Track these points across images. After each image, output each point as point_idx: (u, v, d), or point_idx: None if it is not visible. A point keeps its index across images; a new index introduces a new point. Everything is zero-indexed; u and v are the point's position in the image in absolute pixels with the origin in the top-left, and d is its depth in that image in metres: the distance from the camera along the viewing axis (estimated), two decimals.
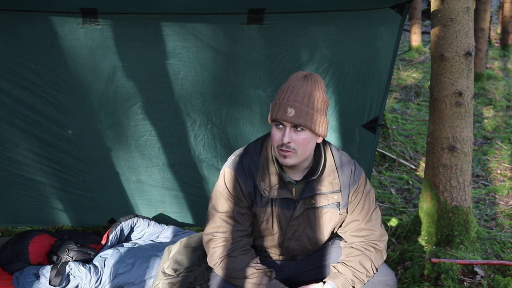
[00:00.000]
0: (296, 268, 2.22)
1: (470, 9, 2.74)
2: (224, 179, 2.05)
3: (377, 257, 2.09)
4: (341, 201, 2.07)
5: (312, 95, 1.90)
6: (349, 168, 2.10)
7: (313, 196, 2.04)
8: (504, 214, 3.88)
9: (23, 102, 2.76)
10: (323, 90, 1.95)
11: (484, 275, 2.79)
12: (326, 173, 2.05)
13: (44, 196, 3.16)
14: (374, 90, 3.05)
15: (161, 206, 3.32)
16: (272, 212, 2.06)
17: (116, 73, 2.73)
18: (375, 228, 2.10)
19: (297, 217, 2.06)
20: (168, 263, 2.47)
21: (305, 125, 1.88)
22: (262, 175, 2.02)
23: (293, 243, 2.13)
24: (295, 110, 1.87)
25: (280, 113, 1.89)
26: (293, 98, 1.88)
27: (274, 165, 2.02)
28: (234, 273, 2.00)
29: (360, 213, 2.09)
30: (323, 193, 2.04)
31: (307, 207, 2.06)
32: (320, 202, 2.05)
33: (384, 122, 5.39)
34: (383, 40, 2.89)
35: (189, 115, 2.95)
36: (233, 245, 2.03)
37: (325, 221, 2.10)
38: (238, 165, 2.04)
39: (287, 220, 2.07)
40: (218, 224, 2.04)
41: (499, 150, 5.35)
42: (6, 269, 2.81)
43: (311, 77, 1.93)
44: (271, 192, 2.01)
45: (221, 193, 2.05)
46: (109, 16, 2.54)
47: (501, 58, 9.31)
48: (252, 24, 2.67)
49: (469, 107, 2.87)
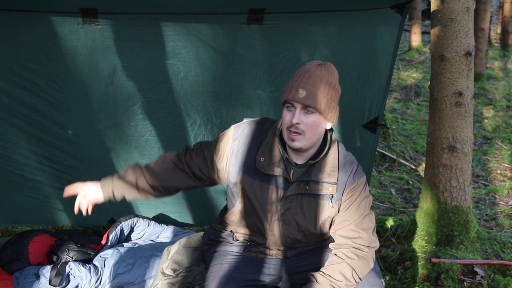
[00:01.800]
0: (287, 267, 2.18)
1: (470, 9, 2.74)
2: (225, 131, 2.17)
3: (361, 265, 2.01)
4: (335, 194, 2.05)
5: (324, 80, 1.93)
6: (351, 167, 2.09)
7: (308, 182, 2.03)
8: (504, 214, 3.88)
9: (23, 102, 2.76)
10: (336, 79, 1.98)
11: (484, 275, 2.79)
12: (327, 164, 2.05)
13: (44, 196, 3.16)
14: (374, 90, 3.05)
15: (161, 206, 3.32)
16: (261, 187, 2.05)
17: (116, 73, 2.73)
18: (365, 232, 2.05)
19: (288, 198, 2.05)
20: (167, 264, 2.47)
21: (314, 107, 1.90)
22: (264, 150, 2.05)
23: (281, 226, 2.09)
24: (306, 91, 1.90)
25: (291, 94, 1.92)
26: (305, 80, 1.92)
27: (278, 145, 2.04)
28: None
29: (353, 214, 2.06)
30: (319, 181, 2.04)
31: (301, 192, 2.04)
32: (315, 190, 2.04)
33: (384, 122, 5.39)
34: (383, 40, 2.89)
35: (189, 115, 2.95)
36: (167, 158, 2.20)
37: (317, 211, 2.07)
38: (243, 127, 2.13)
39: (278, 199, 2.06)
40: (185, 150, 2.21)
41: (499, 150, 5.35)
42: (6, 269, 2.81)
43: (326, 65, 1.98)
44: (267, 168, 2.03)
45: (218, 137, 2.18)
46: (109, 16, 2.53)
47: (501, 58, 9.31)
48: (252, 24, 2.67)
49: (469, 107, 2.87)
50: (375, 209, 3.96)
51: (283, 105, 1.98)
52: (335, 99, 1.97)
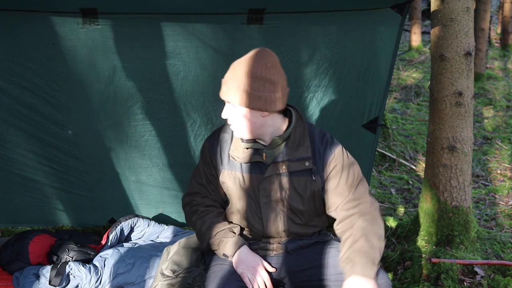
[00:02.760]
0: (289, 265, 2.17)
1: (470, 9, 2.74)
2: (201, 149, 2.25)
3: (376, 227, 2.02)
4: (314, 168, 2.08)
5: (247, 72, 1.92)
6: (323, 139, 2.12)
7: (284, 162, 2.07)
8: (504, 214, 3.88)
9: (23, 102, 2.76)
10: (265, 69, 1.94)
11: (484, 275, 2.79)
12: (297, 140, 2.08)
13: (44, 196, 3.16)
14: (374, 90, 3.05)
15: (161, 206, 3.32)
16: (242, 177, 2.11)
17: (116, 73, 2.73)
18: (363, 197, 2.07)
19: (268, 180, 2.08)
20: (167, 264, 2.47)
21: (233, 101, 1.96)
22: (235, 144, 2.12)
23: (271, 209, 2.11)
24: (226, 87, 1.97)
25: (220, 90, 2.01)
26: (229, 76, 1.98)
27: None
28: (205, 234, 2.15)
29: (344, 185, 2.07)
30: (293, 159, 2.06)
31: (279, 173, 2.08)
32: (292, 168, 2.07)
33: (384, 122, 5.39)
34: (383, 40, 2.89)
35: (189, 115, 2.95)
36: (201, 208, 2.20)
37: (300, 187, 2.10)
38: (212, 136, 2.22)
39: (259, 183, 2.10)
40: (192, 190, 2.25)
41: (499, 150, 5.35)
42: (6, 269, 2.81)
43: (258, 54, 1.96)
44: (242, 158, 2.10)
45: (199, 162, 2.26)
46: (109, 16, 2.53)
47: (501, 58, 9.31)
48: (252, 24, 2.67)
49: (469, 107, 2.87)
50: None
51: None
52: (258, 88, 1.93)
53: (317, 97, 3.01)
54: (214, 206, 2.23)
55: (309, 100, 3.01)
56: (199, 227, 2.19)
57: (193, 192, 2.25)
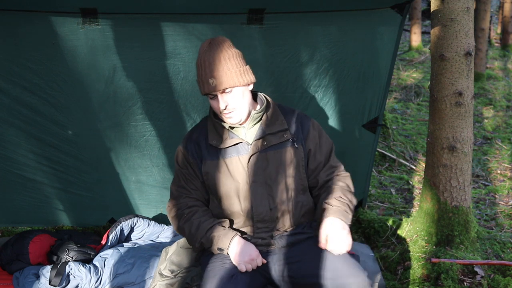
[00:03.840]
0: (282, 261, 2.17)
1: (470, 9, 2.74)
2: (176, 154, 2.29)
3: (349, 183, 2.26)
4: (294, 137, 2.20)
5: (221, 59, 2.04)
6: (294, 113, 2.27)
7: (264, 137, 2.17)
8: (504, 214, 3.88)
9: (23, 103, 2.76)
10: (229, 48, 2.09)
11: (484, 275, 2.79)
12: (271, 116, 2.21)
13: (44, 196, 3.16)
14: (374, 90, 3.05)
15: (161, 206, 3.32)
16: (226, 163, 2.16)
17: (116, 73, 2.73)
18: (338, 165, 2.31)
19: (254, 156, 2.15)
20: (165, 265, 2.47)
21: (229, 86, 2.05)
22: (212, 134, 2.20)
23: (259, 187, 2.16)
24: (215, 79, 2.04)
25: (206, 87, 2.07)
26: (209, 70, 2.04)
27: (217, 122, 2.20)
28: (196, 234, 2.16)
29: (321, 153, 2.26)
30: (272, 133, 2.18)
31: (262, 149, 2.16)
32: (272, 141, 2.18)
33: (384, 122, 5.39)
34: (383, 40, 2.89)
35: (189, 115, 2.95)
36: (187, 210, 2.21)
37: (285, 160, 2.18)
38: (184, 138, 2.29)
39: (244, 163, 2.16)
40: (173, 196, 2.28)
41: (499, 150, 5.35)
42: (6, 269, 2.81)
43: (214, 43, 2.08)
44: (223, 143, 2.17)
45: (175, 168, 2.29)
46: (109, 16, 2.53)
47: (501, 58, 9.30)
48: (252, 24, 2.67)
49: (469, 107, 2.87)
50: (375, 209, 3.97)
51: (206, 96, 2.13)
52: (238, 65, 2.09)
53: (317, 97, 3.01)
54: (197, 206, 2.25)
55: (309, 100, 3.01)
56: (188, 230, 2.20)
57: (174, 198, 2.28)
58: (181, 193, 2.26)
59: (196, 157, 2.21)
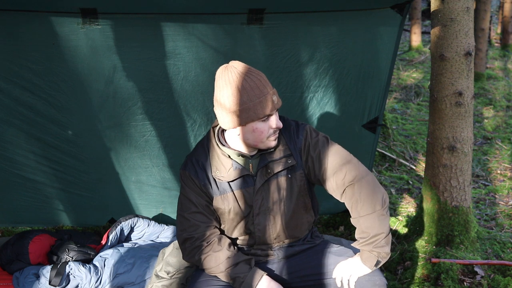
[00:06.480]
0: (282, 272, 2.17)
1: (470, 9, 2.74)
2: (182, 180, 2.14)
3: (371, 191, 2.04)
4: (296, 164, 2.09)
5: (262, 76, 1.98)
6: (289, 128, 2.13)
7: (267, 165, 2.07)
8: (504, 214, 3.88)
9: (23, 103, 2.76)
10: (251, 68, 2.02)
11: (484, 275, 2.79)
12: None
13: (44, 196, 3.16)
14: (374, 90, 3.05)
15: (161, 206, 3.32)
16: (234, 196, 2.08)
17: (116, 73, 2.73)
18: (347, 163, 2.07)
19: (260, 189, 2.08)
20: (161, 266, 2.48)
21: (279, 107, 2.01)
22: (216, 165, 2.08)
23: (262, 218, 2.11)
24: (275, 95, 1.99)
25: (270, 106, 1.95)
26: (264, 88, 1.94)
27: (223, 152, 2.07)
28: (214, 269, 2.06)
29: (325, 161, 2.08)
30: (276, 159, 2.07)
31: (266, 178, 2.07)
32: (276, 169, 2.07)
33: (384, 122, 5.39)
34: (383, 40, 2.89)
35: (189, 115, 2.95)
36: (204, 243, 2.08)
37: (289, 186, 2.10)
38: (189, 164, 2.13)
39: (251, 197, 2.08)
40: (187, 224, 2.10)
41: (499, 150, 5.35)
42: (6, 269, 2.82)
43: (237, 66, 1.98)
44: (228, 176, 2.06)
45: (183, 194, 2.13)
46: (109, 16, 2.53)
47: (501, 58, 9.30)
48: (252, 24, 2.67)
49: (469, 107, 2.87)
50: None
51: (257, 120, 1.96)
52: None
53: (317, 97, 3.01)
54: (214, 233, 2.13)
55: (309, 100, 3.01)
56: (207, 264, 2.08)
57: (189, 226, 2.10)
58: (197, 221, 2.10)
59: (209, 188, 2.09)
